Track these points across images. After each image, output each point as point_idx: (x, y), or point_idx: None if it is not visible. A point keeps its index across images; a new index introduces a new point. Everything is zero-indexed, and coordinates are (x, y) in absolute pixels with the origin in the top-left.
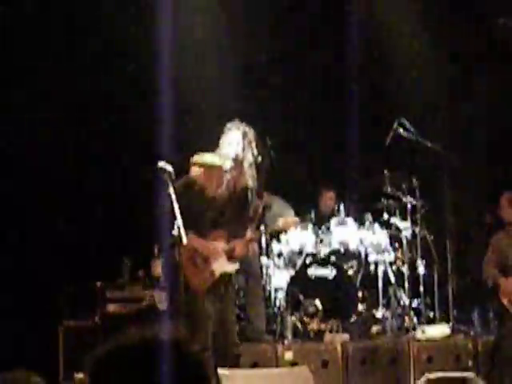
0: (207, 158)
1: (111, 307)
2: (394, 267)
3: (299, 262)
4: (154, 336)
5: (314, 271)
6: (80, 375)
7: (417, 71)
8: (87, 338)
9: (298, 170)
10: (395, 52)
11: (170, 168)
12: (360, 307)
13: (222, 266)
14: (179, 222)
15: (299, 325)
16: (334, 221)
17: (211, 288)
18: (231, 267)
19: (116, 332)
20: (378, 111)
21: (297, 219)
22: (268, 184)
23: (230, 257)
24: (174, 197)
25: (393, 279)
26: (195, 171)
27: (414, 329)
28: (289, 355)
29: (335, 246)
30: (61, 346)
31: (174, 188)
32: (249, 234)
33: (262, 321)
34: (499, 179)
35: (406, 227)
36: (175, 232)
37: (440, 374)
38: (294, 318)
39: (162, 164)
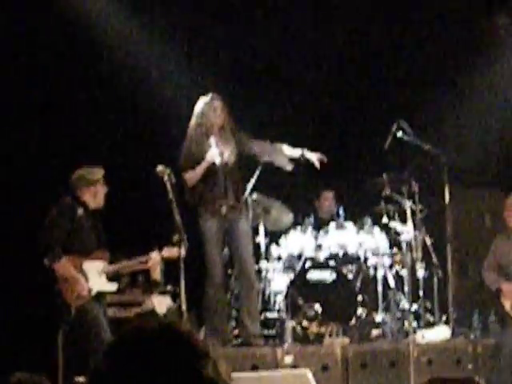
0: (89, 172)
1: (110, 311)
2: (394, 271)
3: (298, 266)
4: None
5: (313, 275)
6: (80, 379)
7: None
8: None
9: (296, 174)
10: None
11: (169, 170)
12: (359, 311)
13: (100, 285)
14: (179, 224)
15: (299, 329)
16: (333, 224)
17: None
18: (110, 287)
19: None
20: (377, 113)
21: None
22: (267, 187)
23: (113, 275)
24: (173, 199)
25: (392, 283)
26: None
27: (414, 332)
28: (289, 359)
29: (334, 249)
30: (60, 349)
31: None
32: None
33: (257, 325)
34: (500, 182)
35: (405, 231)
36: (176, 237)
37: (441, 377)
38: (293, 321)
39: (160, 167)
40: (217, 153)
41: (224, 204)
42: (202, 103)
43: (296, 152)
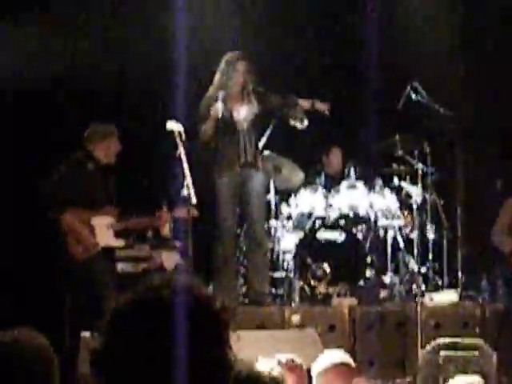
0: (103, 128)
1: (118, 266)
2: (404, 232)
3: (308, 226)
4: (168, 283)
5: (322, 235)
6: (86, 334)
7: (430, 34)
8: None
9: (307, 133)
10: (407, 14)
11: (180, 128)
12: (368, 272)
13: (107, 240)
14: (189, 181)
15: (307, 288)
16: (343, 184)
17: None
18: (117, 242)
19: (124, 290)
20: (391, 73)
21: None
22: (278, 145)
23: (121, 231)
24: (182, 156)
25: (402, 245)
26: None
27: (422, 295)
28: (296, 318)
29: (345, 209)
30: (66, 304)
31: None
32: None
33: (265, 284)
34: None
35: (416, 192)
36: (185, 192)
37: (449, 340)
38: (301, 281)
39: (171, 124)
40: (220, 107)
41: (239, 161)
42: (225, 61)
43: (307, 103)
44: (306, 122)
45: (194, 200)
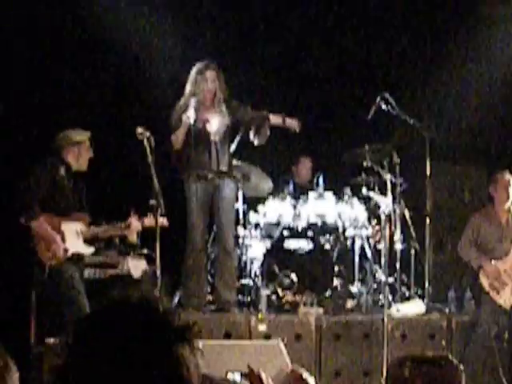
0: (75, 133)
1: (86, 272)
2: (371, 243)
3: (276, 234)
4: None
5: (290, 244)
6: (51, 340)
7: (398, 45)
8: None
9: (276, 141)
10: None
11: (149, 134)
12: (335, 282)
13: (77, 246)
14: (157, 189)
15: (274, 297)
16: (312, 194)
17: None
18: (87, 249)
19: (91, 296)
20: (361, 84)
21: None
22: (247, 154)
23: (90, 238)
24: (151, 163)
25: (369, 255)
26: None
27: (389, 305)
28: (262, 327)
29: (313, 219)
30: (33, 309)
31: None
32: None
33: (232, 292)
34: (481, 156)
35: (384, 203)
36: (152, 201)
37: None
38: (268, 289)
39: (140, 130)
40: (192, 115)
41: (210, 169)
42: (195, 70)
43: (277, 119)
44: (264, 140)
45: (162, 209)
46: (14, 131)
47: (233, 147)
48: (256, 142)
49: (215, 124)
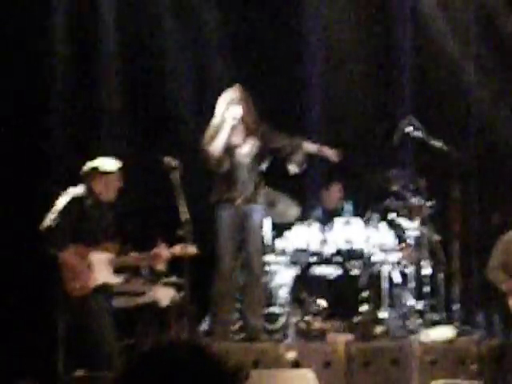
0: (104, 163)
1: (114, 301)
2: (400, 267)
3: (304, 260)
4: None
5: (318, 270)
6: (81, 372)
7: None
8: None
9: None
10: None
11: (177, 164)
12: (364, 307)
13: (106, 276)
14: (185, 218)
15: (302, 324)
16: (339, 219)
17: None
18: (115, 279)
19: (120, 325)
20: (387, 108)
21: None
22: (274, 178)
23: (118, 268)
24: (179, 192)
25: (398, 280)
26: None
27: (418, 331)
28: (291, 355)
29: (340, 244)
30: (61, 340)
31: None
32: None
33: (260, 319)
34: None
35: (412, 227)
36: (181, 230)
37: (445, 381)
38: (297, 316)
39: (168, 160)
40: (224, 136)
41: (240, 195)
42: (224, 96)
43: (313, 147)
44: (302, 169)
45: (190, 238)
46: (44, 158)
47: (263, 172)
48: (291, 170)
49: (246, 147)
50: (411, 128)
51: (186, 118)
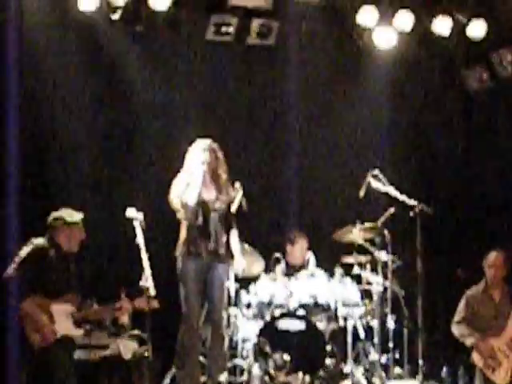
0: (67, 214)
1: (76, 353)
2: (364, 321)
3: (268, 314)
4: None
5: (282, 323)
6: None
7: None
8: None
9: (267, 219)
10: None
11: (140, 216)
12: (328, 361)
13: (67, 328)
14: (147, 270)
15: (266, 377)
16: (304, 272)
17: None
18: (76, 331)
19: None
20: (351, 162)
21: None
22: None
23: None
24: (141, 244)
25: (362, 334)
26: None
27: None
28: None
29: (305, 298)
30: None
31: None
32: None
33: (224, 373)
34: (473, 233)
35: (377, 281)
36: (143, 282)
37: None
38: (261, 370)
39: (131, 212)
40: (192, 194)
41: (205, 247)
42: (194, 148)
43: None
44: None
45: (152, 291)
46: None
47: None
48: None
49: (217, 203)
50: (376, 181)
51: (149, 168)
